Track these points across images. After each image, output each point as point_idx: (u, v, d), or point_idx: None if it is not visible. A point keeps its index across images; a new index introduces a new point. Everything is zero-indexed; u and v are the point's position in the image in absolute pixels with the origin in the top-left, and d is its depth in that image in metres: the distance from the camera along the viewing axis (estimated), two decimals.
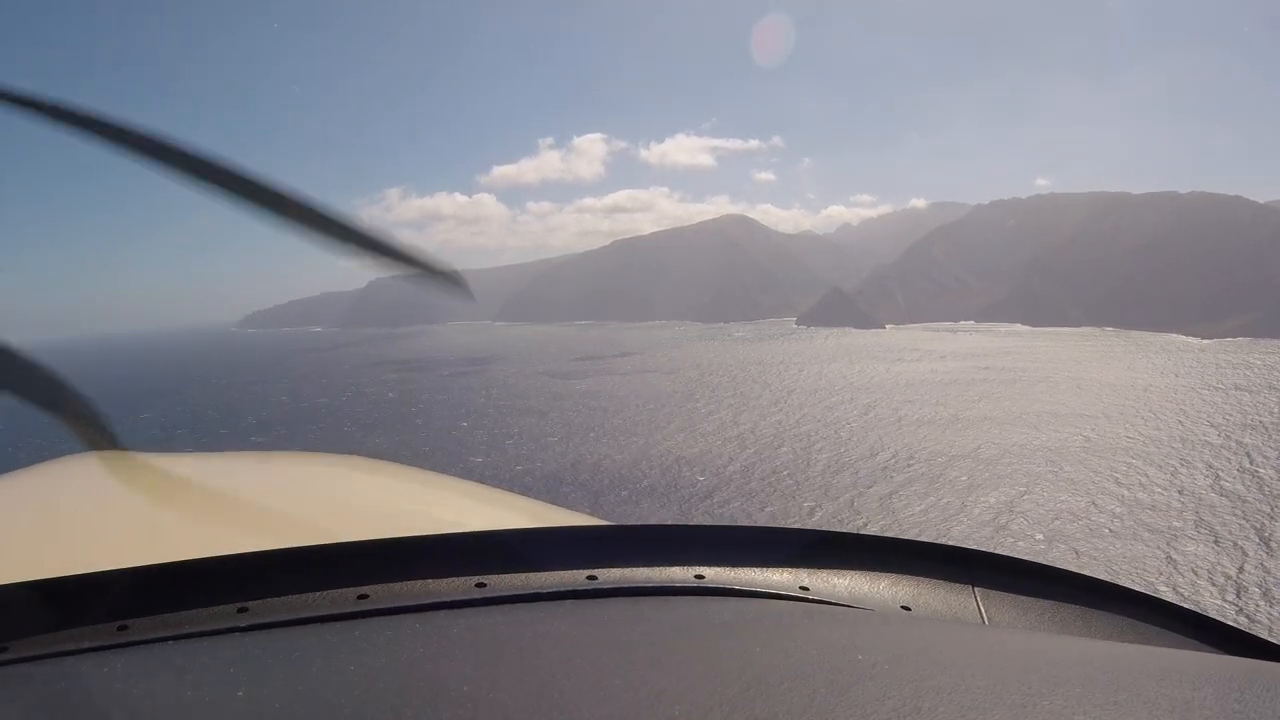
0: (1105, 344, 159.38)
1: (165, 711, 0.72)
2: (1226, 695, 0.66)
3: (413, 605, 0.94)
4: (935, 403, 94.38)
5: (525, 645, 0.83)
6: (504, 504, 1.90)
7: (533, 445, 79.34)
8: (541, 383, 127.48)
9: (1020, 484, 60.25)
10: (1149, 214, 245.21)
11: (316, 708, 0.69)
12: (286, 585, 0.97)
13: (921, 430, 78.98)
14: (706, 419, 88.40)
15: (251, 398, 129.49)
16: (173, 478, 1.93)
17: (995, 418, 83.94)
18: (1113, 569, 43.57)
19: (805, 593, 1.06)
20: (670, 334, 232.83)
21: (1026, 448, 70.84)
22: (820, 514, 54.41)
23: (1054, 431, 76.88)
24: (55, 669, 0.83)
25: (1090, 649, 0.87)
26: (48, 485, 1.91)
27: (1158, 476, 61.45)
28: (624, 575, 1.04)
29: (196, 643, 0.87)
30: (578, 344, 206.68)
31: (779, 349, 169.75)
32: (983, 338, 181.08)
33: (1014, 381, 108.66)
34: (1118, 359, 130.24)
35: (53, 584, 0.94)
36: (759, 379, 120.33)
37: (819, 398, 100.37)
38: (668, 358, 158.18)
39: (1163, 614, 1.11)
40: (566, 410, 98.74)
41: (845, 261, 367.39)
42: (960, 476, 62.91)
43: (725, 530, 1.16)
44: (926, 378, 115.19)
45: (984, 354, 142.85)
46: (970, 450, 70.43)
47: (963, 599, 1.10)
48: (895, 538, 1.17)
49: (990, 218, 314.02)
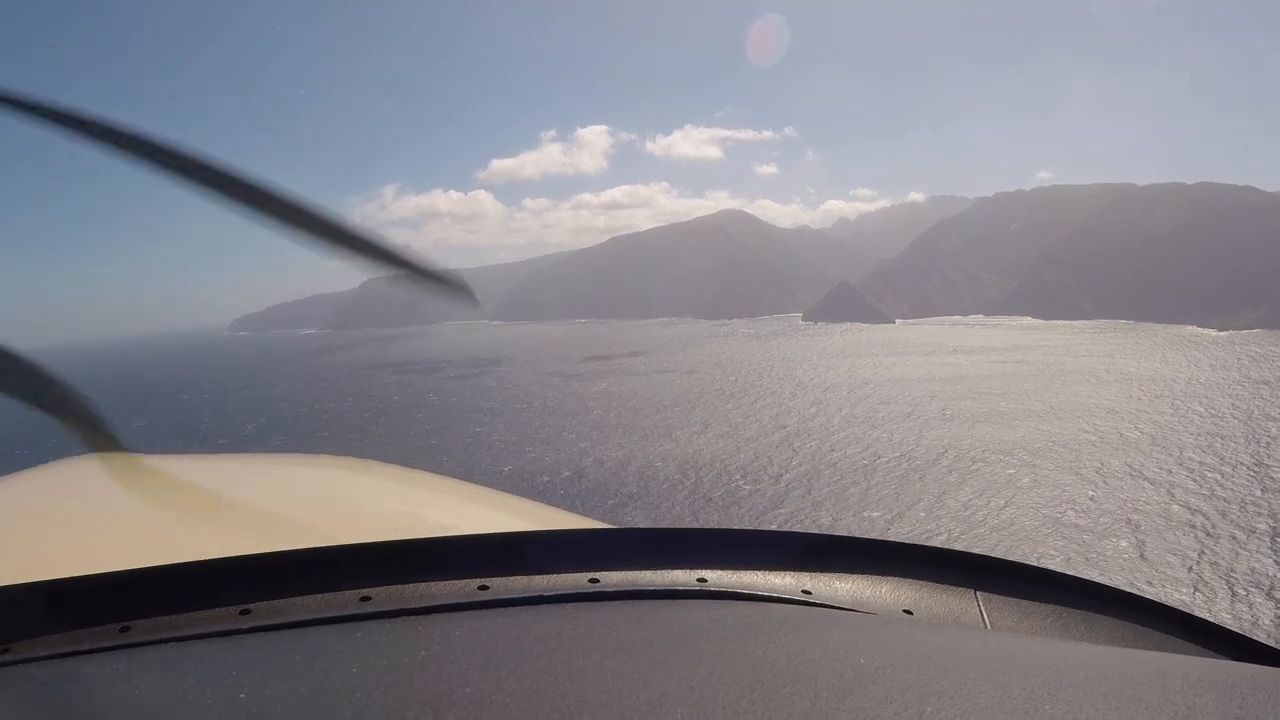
0: (1125, 337, 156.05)
1: (167, 713, 0.72)
2: (1229, 701, 0.66)
3: (415, 608, 0.94)
4: (983, 396, 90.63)
5: (528, 648, 0.83)
6: (506, 506, 1.89)
7: (563, 454, 74.36)
8: (557, 385, 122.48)
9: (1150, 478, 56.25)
10: (1158, 205, 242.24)
11: (319, 710, 0.69)
12: (289, 587, 0.97)
13: (982, 427, 74.57)
14: (747, 422, 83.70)
15: (247, 403, 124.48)
16: (175, 480, 1.94)
17: (1054, 412, 79.92)
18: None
19: (808, 596, 1.06)
20: (675, 332, 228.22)
21: (1111, 441, 67.30)
22: (911, 528, 49.70)
23: (1110, 424, 73.31)
24: (58, 670, 0.83)
25: (1092, 654, 0.87)
26: (50, 487, 1.91)
27: (1238, 478, 58.49)
28: (626, 578, 1.04)
29: (199, 645, 0.87)
30: (582, 343, 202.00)
31: (796, 346, 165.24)
32: (999, 332, 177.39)
33: (1058, 375, 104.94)
34: (1147, 353, 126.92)
35: (55, 585, 0.94)
36: (788, 377, 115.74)
37: (859, 395, 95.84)
38: (683, 356, 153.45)
39: (1165, 619, 1.11)
40: (592, 413, 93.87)
41: (845, 256, 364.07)
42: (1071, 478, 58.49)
43: (727, 534, 1.16)
44: (967, 372, 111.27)
45: (1010, 348, 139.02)
46: (1058, 441, 66.72)
47: (965, 603, 1.10)
48: (898, 541, 1.18)
49: (994, 211, 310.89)
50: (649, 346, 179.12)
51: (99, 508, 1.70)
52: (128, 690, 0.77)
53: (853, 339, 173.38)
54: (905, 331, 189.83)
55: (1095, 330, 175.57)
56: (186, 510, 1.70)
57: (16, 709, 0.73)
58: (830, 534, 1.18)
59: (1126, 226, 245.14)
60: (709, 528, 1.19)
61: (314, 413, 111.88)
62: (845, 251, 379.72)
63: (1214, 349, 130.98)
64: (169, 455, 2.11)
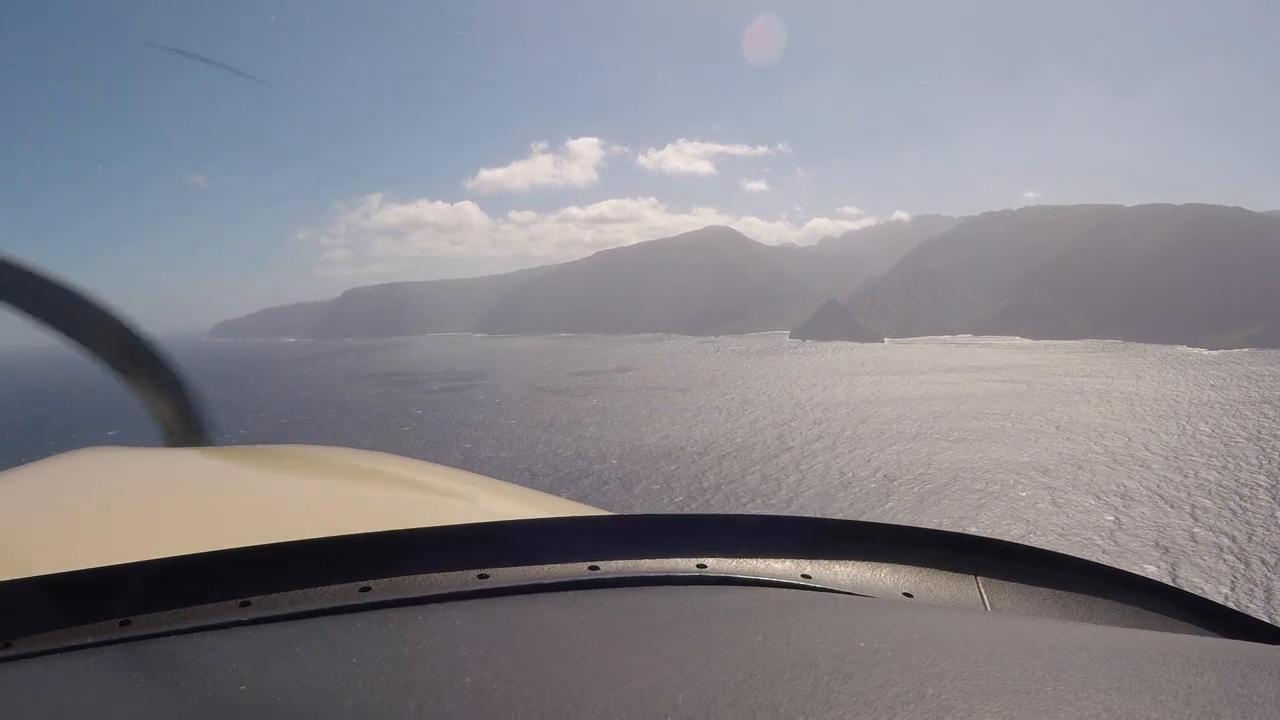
0: (1119, 357, 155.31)
1: (169, 706, 0.72)
2: (1229, 679, 0.66)
3: (415, 598, 0.94)
4: (988, 415, 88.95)
5: (528, 636, 0.83)
6: (505, 495, 1.87)
7: (562, 472, 71.12)
8: (551, 401, 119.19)
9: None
10: (1147, 226, 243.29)
11: (320, 701, 0.69)
12: (289, 579, 0.96)
13: (992, 447, 72.21)
14: (751, 442, 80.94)
15: (228, 412, 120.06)
16: (173, 472, 1.92)
17: (1062, 431, 77.91)
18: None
19: (807, 581, 1.05)
20: (662, 348, 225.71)
21: (1124, 461, 65.64)
22: None
23: (1120, 444, 71.58)
24: (59, 665, 0.83)
25: (1093, 634, 0.86)
26: (51, 480, 1.90)
27: (1259, 500, 57.45)
28: (626, 566, 1.04)
29: (200, 637, 0.87)
30: (568, 357, 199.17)
31: (789, 363, 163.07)
32: (991, 351, 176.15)
33: (1060, 395, 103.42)
34: (1145, 373, 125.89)
35: (56, 580, 0.94)
36: (787, 396, 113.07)
37: (862, 415, 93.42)
38: (674, 373, 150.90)
39: (1166, 599, 1.11)
40: (587, 429, 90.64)
41: (830, 274, 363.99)
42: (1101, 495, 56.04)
43: (727, 519, 1.16)
44: (968, 391, 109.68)
45: (1005, 367, 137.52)
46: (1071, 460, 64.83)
47: (965, 586, 1.10)
48: (897, 525, 1.17)
49: (982, 230, 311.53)
50: (637, 362, 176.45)
51: (99, 501, 1.70)
52: (129, 684, 0.77)
53: (845, 357, 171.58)
54: (896, 350, 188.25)
55: (1087, 350, 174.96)
56: (185, 502, 1.69)
57: (18, 705, 0.73)
58: (829, 518, 1.18)
59: (1115, 247, 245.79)
60: (708, 513, 1.18)
61: (294, 423, 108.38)
62: (830, 269, 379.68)
63: (1210, 368, 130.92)
64: (167, 448, 2.07)
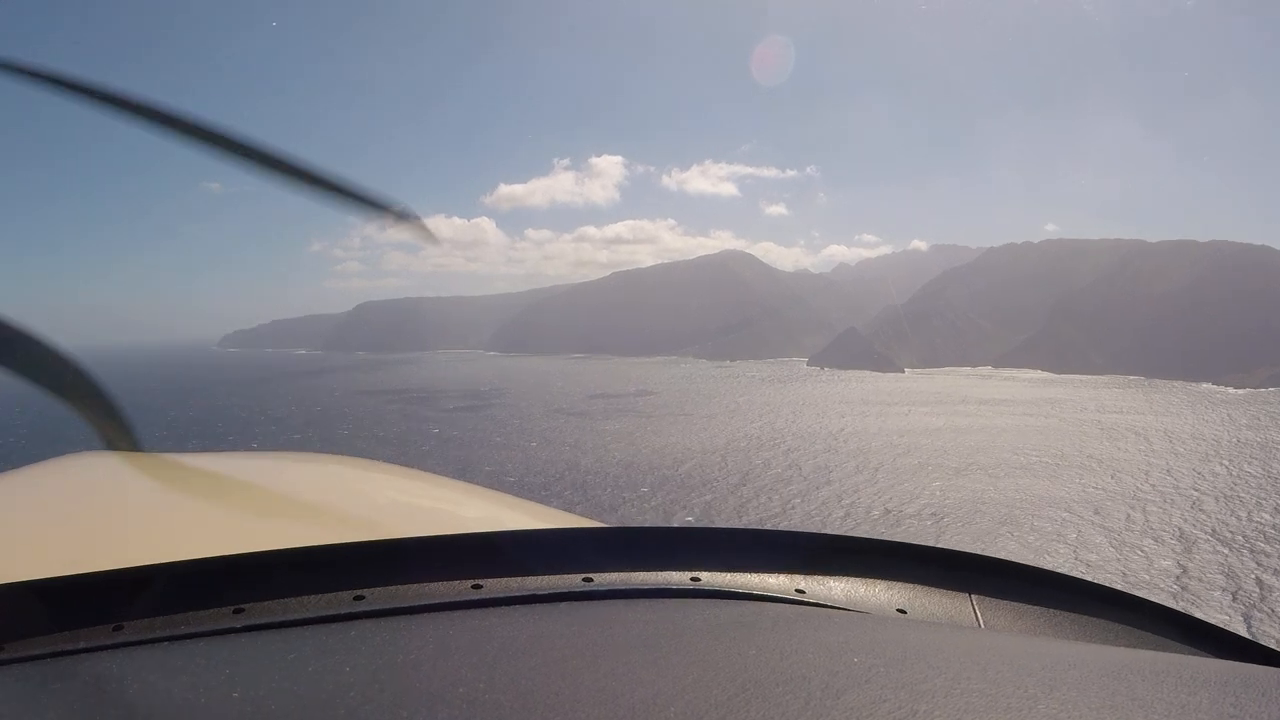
0: (1147, 394, 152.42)
1: (161, 713, 0.71)
2: (1222, 699, 0.66)
3: (409, 607, 0.94)
4: (1027, 450, 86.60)
5: (521, 647, 0.82)
6: (500, 505, 1.88)
7: (591, 500, 68.55)
8: (569, 423, 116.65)
9: None
10: (1170, 262, 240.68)
11: (312, 709, 0.68)
12: (282, 586, 0.96)
13: (1034, 481, 69.46)
14: (789, 474, 78.35)
15: (235, 424, 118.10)
16: (168, 478, 1.93)
17: (1107, 468, 75.14)
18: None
19: (801, 596, 1.05)
20: (679, 371, 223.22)
21: (1176, 501, 62.92)
22: None
23: (1169, 483, 68.93)
24: (51, 670, 0.83)
25: (1086, 653, 0.86)
26: (44, 484, 1.90)
27: None
28: (620, 578, 1.04)
29: (192, 644, 0.86)
30: (584, 379, 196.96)
31: (813, 392, 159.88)
32: (1016, 385, 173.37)
33: (1098, 431, 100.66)
34: (1177, 410, 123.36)
35: (49, 584, 0.94)
36: (819, 426, 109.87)
37: (903, 446, 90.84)
38: (696, 398, 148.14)
39: (1159, 619, 1.10)
40: (612, 457, 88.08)
41: (846, 301, 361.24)
42: None
43: (721, 533, 1.16)
44: (1003, 424, 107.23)
45: (1035, 402, 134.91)
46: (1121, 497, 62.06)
47: (958, 603, 1.09)
48: (891, 541, 1.17)
49: (1003, 262, 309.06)
50: (655, 386, 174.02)
51: (92, 505, 1.69)
52: (121, 690, 0.77)
53: (870, 387, 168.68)
54: (919, 381, 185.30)
55: (1112, 386, 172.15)
56: (179, 508, 1.68)
57: (11, 709, 0.72)
58: (824, 533, 1.17)
59: (1139, 282, 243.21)
60: (703, 526, 1.18)
61: (307, 439, 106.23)
62: (846, 296, 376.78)
63: (1241, 407, 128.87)
64: (162, 453, 2.10)
